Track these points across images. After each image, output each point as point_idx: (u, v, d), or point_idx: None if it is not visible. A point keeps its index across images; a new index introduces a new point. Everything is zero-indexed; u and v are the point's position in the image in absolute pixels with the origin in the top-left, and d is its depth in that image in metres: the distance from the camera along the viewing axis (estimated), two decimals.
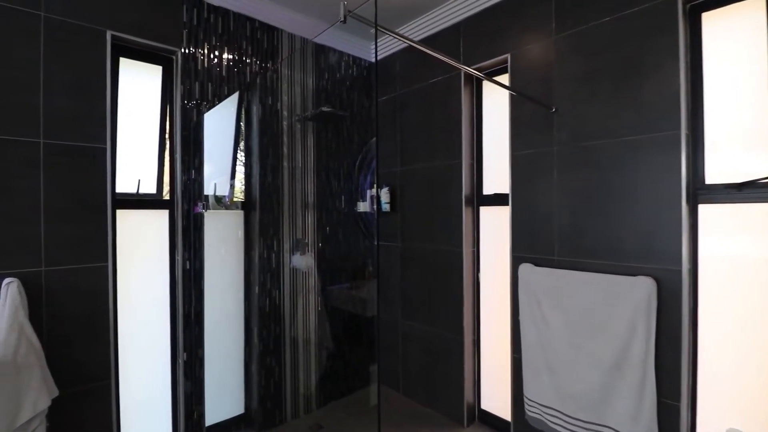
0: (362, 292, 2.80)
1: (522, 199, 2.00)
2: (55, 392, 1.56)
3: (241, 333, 2.32)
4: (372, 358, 2.85)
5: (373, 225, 2.82)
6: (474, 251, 2.33)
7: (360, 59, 2.77)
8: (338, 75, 2.63)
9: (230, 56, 2.13)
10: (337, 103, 2.61)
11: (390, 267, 2.75)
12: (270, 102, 2.31)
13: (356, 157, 2.75)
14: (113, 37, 1.76)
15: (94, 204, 1.73)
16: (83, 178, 1.70)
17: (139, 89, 1.97)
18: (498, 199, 2.17)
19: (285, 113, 2.37)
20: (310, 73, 2.46)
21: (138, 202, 1.96)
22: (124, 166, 1.94)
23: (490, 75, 2.22)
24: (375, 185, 2.71)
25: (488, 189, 2.30)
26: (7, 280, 1.48)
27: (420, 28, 2.47)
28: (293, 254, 2.44)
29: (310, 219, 2.51)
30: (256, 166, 2.28)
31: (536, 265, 1.91)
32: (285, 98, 2.36)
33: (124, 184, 1.94)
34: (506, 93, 2.08)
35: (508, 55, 2.05)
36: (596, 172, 1.74)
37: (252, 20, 2.21)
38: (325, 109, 2.35)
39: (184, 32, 1.97)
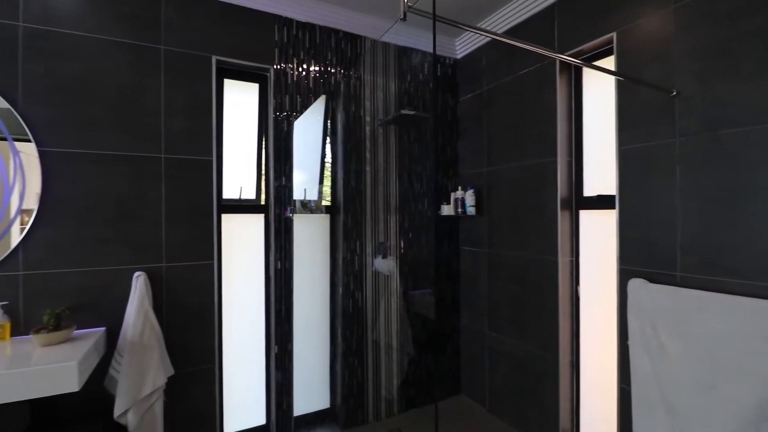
0: (445, 298, 2.70)
1: (632, 202, 1.69)
2: (171, 371, 1.82)
3: (327, 331, 2.43)
4: (456, 367, 2.73)
5: (457, 229, 2.70)
6: (572, 261, 2.05)
7: (444, 58, 2.68)
8: (421, 76, 2.57)
9: (317, 68, 2.24)
10: (420, 105, 2.56)
11: (475, 274, 2.59)
12: (353, 108, 2.36)
13: (439, 159, 2.66)
14: (218, 61, 1.99)
15: (203, 209, 1.97)
16: (194, 187, 1.95)
17: (240, 106, 2.20)
18: (602, 202, 1.87)
19: (368, 118, 2.40)
20: (392, 76, 2.46)
21: (239, 207, 2.19)
22: (230, 175, 2.18)
23: (591, 60, 1.93)
24: (459, 187, 2.58)
25: (589, 190, 2.00)
26: (137, 273, 1.78)
27: (507, 18, 2.28)
28: (375, 257, 2.46)
29: (393, 222, 2.51)
30: (341, 171, 2.36)
31: (651, 281, 1.59)
32: (368, 104, 2.40)
33: (229, 191, 2.19)
34: (611, 79, 1.78)
35: (614, 34, 1.75)
36: (737, 169, 1.37)
37: (336, 31, 2.29)
38: (406, 112, 2.32)
39: (276, 50, 2.13)
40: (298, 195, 2.29)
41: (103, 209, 1.76)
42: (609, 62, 1.83)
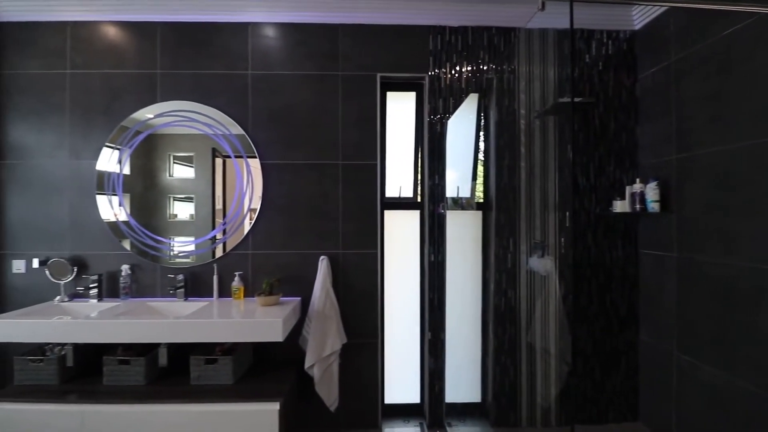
0: (619, 308, 2.35)
1: None
2: (345, 339, 2.20)
3: (478, 326, 2.46)
4: (632, 389, 2.35)
5: (634, 228, 2.32)
6: None
7: (615, 32, 2.33)
8: (587, 57, 2.31)
9: (469, 68, 2.31)
10: (585, 90, 2.31)
11: (659, 282, 2.18)
12: (506, 103, 2.32)
13: (610, 148, 2.34)
14: (381, 77, 2.29)
15: (370, 206, 2.30)
16: (363, 188, 2.29)
17: (400, 113, 2.46)
18: None
19: (522, 111, 2.32)
20: (551, 63, 2.30)
21: (398, 204, 2.45)
22: (391, 176, 2.47)
23: None
24: (637, 180, 2.21)
25: None
26: (321, 257, 2.22)
27: None
28: (531, 256, 2.35)
29: (551, 220, 2.34)
30: (493, 168, 2.35)
31: None
32: (522, 97, 2.31)
33: (391, 190, 2.48)
34: None
35: None
36: None
37: (489, 28, 2.29)
38: (566, 99, 2.13)
39: (431, 59, 2.30)
40: (450, 192, 2.41)
41: (299, 206, 2.27)
42: None
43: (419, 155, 2.46)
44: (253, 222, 2.25)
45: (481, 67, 2.32)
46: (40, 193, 2.23)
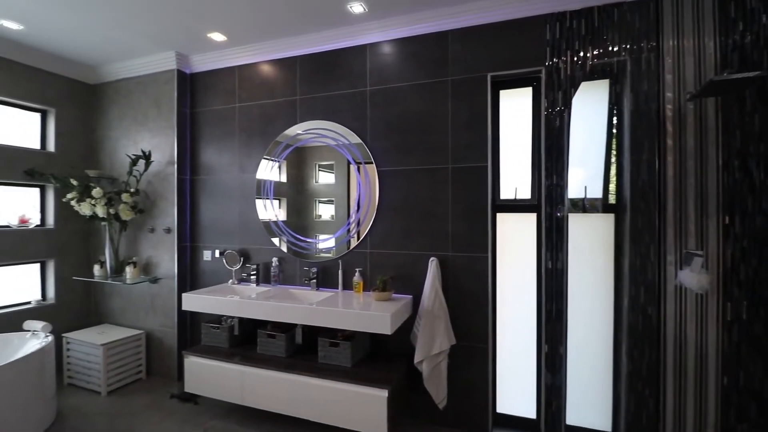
0: None
1: None
2: (453, 341, 2.23)
3: (607, 344, 2.16)
4: None
5: None
6: None
7: None
8: (765, 18, 1.79)
9: (595, 52, 2.05)
10: (764, 61, 1.79)
11: None
12: (645, 87, 1.98)
13: None
14: (492, 77, 2.23)
15: (479, 209, 2.27)
16: (472, 190, 2.28)
17: (515, 111, 2.35)
18: None
19: (669, 95, 1.94)
20: (709, 33, 1.86)
21: (511, 206, 2.34)
22: (506, 177, 2.38)
23: None
24: None
25: None
26: (431, 258, 2.30)
27: None
28: (682, 269, 1.95)
29: (712, 225, 1.90)
30: (627, 164, 2.04)
31: None
32: (668, 77, 1.94)
33: (506, 192, 2.39)
34: None
35: None
36: None
37: (620, 5, 1.99)
38: (736, 75, 1.70)
39: (547, 49, 2.13)
40: (574, 193, 2.18)
41: (412, 208, 2.40)
42: None
43: (537, 154, 2.30)
44: (370, 224, 2.48)
45: (611, 49, 2.03)
46: (220, 200, 2.93)
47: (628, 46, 2.01)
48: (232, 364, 2.32)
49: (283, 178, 2.75)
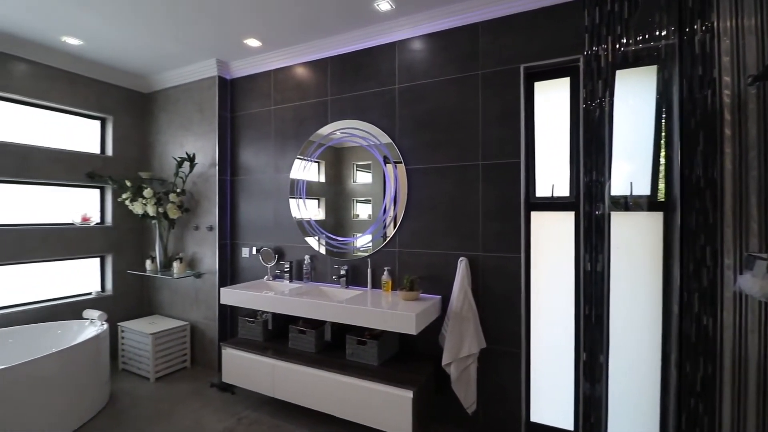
0: None
1: None
2: (483, 344, 2.15)
3: (655, 355, 1.98)
4: None
5: None
6: None
7: None
8: None
9: (639, 37, 1.89)
10: None
11: None
12: (700, 71, 1.79)
13: None
14: (525, 68, 2.13)
15: (511, 207, 2.18)
16: (504, 188, 2.19)
17: (552, 104, 2.22)
18: None
19: (726, 79, 1.74)
20: None
21: (547, 204, 2.22)
22: (542, 173, 2.26)
23: None
24: None
25: None
26: (460, 258, 2.23)
27: None
28: (743, 274, 1.74)
29: None
30: (677, 158, 1.85)
31: None
32: (725, 60, 1.74)
33: (542, 189, 2.27)
34: None
35: None
36: None
37: None
38: None
39: (586, 36, 1.99)
40: (619, 190, 2.03)
41: (441, 207, 2.35)
42: None
43: (575, 149, 2.16)
44: (399, 222, 2.46)
45: (657, 33, 1.86)
46: (257, 199, 3.04)
47: (675, 29, 1.83)
48: (265, 357, 2.40)
49: (322, 178, 2.80)
